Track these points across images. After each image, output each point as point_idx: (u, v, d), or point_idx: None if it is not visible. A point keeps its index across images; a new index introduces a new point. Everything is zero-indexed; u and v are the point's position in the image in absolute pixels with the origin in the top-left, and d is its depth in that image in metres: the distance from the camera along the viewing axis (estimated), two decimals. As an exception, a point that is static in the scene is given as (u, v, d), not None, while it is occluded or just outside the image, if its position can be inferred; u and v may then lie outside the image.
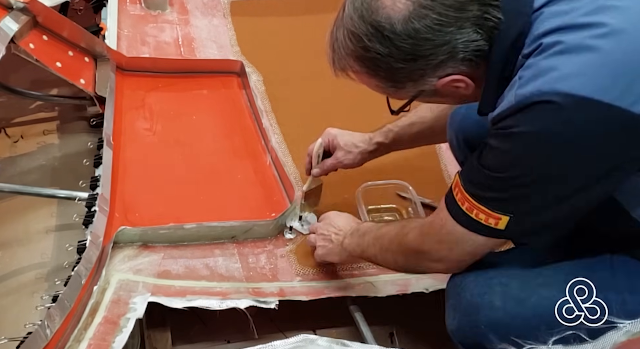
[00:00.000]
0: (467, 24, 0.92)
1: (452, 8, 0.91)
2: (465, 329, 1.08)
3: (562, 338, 0.87)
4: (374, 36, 0.94)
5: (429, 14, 0.91)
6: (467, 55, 0.94)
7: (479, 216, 0.96)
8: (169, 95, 1.76)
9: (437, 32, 0.91)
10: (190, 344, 1.40)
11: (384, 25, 0.93)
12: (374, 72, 0.99)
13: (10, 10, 1.51)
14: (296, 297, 1.31)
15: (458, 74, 0.96)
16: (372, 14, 0.94)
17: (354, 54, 0.99)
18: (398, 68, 0.96)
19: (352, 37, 0.97)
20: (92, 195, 1.39)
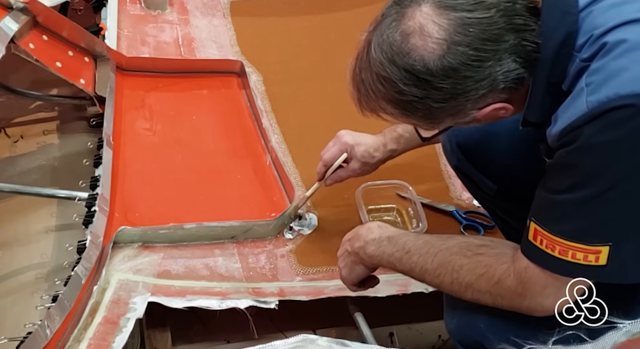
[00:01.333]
0: (505, 55, 0.87)
1: (489, 41, 0.86)
2: (464, 329, 1.08)
3: (562, 338, 0.87)
4: (409, 80, 0.90)
5: (466, 50, 0.86)
6: (507, 85, 0.89)
7: (576, 257, 0.87)
8: (169, 95, 1.76)
9: (476, 68, 0.87)
10: (190, 344, 1.40)
11: (418, 69, 0.88)
12: (410, 113, 0.94)
13: (10, 10, 1.51)
14: (296, 297, 1.31)
15: (498, 102, 0.92)
16: (404, 58, 0.89)
17: (386, 98, 0.94)
18: (437, 107, 0.91)
19: (384, 82, 0.92)
20: (92, 195, 1.39)
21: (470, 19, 0.86)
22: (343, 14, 2.06)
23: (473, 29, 0.86)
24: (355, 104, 1.01)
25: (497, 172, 1.25)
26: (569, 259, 0.88)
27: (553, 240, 0.89)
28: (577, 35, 0.87)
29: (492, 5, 0.87)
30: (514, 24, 0.87)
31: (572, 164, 0.86)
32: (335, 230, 1.46)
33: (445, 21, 0.87)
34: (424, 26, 0.88)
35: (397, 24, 0.90)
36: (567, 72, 0.88)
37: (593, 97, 0.82)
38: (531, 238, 0.92)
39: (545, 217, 0.91)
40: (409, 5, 0.90)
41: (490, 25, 0.86)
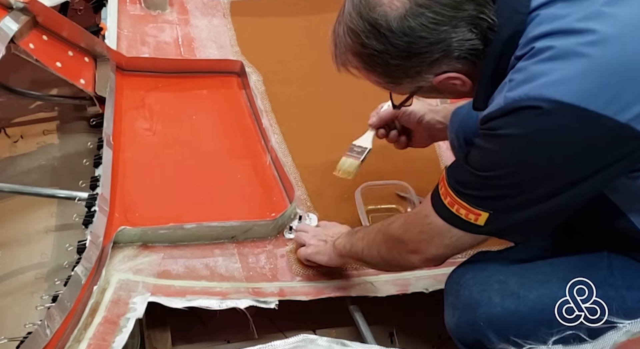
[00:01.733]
0: (462, 24, 0.93)
1: (448, 7, 0.92)
2: (464, 327, 1.08)
3: (562, 338, 0.87)
4: (371, 33, 0.96)
5: (425, 12, 0.92)
6: (462, 54, 0.95)
7: (459, 211, 0.98)
8: (169, 95, 1.76)
9: (432, 30, 0.93)
10: (190, 344, 1.40)
11: (380, 23, 0.95)
12: (371, 67, 1.01)
13: (10, 10, 1.51)
14: (296, 297, 1.31)
15: (453, 72, 0.98)
16: (370, 12, 0.95)
17: (352, 50, 1.01)
18: (394, 65, 0.98)
19: (350, 33, 0.99)
20: (92, 195, 1.39)
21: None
22: (343, 14, 2.06)
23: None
24: (332, 59, 1.07)
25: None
26: (453, 211, 0.99)
27: (447, 191, 1.00)
28: (522, 34, 0.92)
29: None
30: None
31: (481, 147, 0.95)
32: (335, 230, 1.46)
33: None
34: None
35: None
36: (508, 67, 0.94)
37: (510, 94, 0.89)
38: (439, 182, 1.03)
39: (451, 173, 1.01)
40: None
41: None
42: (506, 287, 1.04)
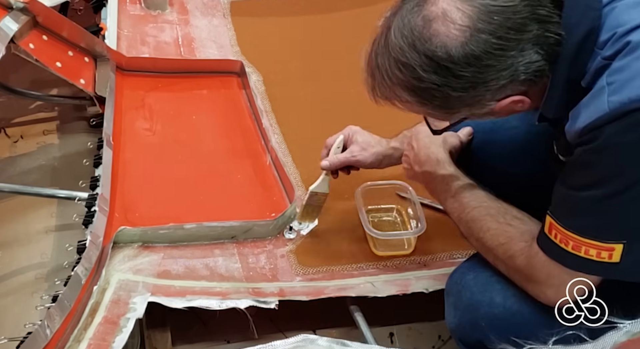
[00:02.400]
0: (528, 46, 0.86)
1: (513, 30, 0.85)
2: (465, 327, 1.08)
3: (562, 338, 0.87)
4: (429, 66, 0.88)
5: (489, 38, 0.85)
6: (528, 77, 0.88)
7: (589, 253, 0.88)
8: (169, 95, 1.76)
9: (498, 57, 0.86)
10: (190, 344, 1.40)
11: (439, 55, 0.87)
12: (427, 101, 0.93)
13: (10, 10, 1.51)
14: (296, 297, 1.31)
15: (517, 94, 0.91)
16: (426, 43, 0.87)
17: (403, 84, 0.92)
18: (455, 96, 0.90)
19: (402, 67, 0.90)
20: (92, 195, 1.39)
21: (495, 6, 0.85)
22: (343, 14, 2.06)
23: (497, 16, 0.85)
24: (368, 92, 0.99)
25: (494, 178, 1.26)
26: (581, 254, 0.89)
27: (567, 235, 0.90)
28: (600, 31, 0.86)
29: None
30: (538, 14, 0.86)
31: (591, 162, 0.86)
32: (335, 230, 1.46)
33: (469, 8, 0.86)
34: (447, 12, 0.87)
35: (419, 9, 0.89)
36: (587, 68, 0.87)
37: (614, 97, 0.82)
38: (546, 231, 0.94)
39: (560, 212, 0.91)
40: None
41: (514, 13, 0.85)
42: (508, 287, 1.04)
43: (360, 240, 1.44)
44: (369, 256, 1.42)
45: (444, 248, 1.43)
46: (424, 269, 1.40)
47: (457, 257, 1.40)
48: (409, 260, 1.41)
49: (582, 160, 0.88)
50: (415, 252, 1.42)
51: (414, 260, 1.41)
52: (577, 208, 0.89)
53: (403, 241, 1.45)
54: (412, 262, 1.41)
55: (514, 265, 1.01)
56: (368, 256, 1.42)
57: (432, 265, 1.41)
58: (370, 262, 1.41)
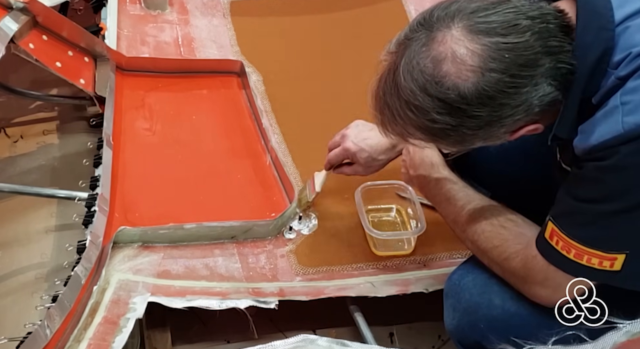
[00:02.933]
0: (541, 80, 0.85)
1: (525, 67, 0.84)
2: (464, 329, 1.08)
3: (562, 338, 0.87)
4: (443, 109, 0.86)
5: (502, 77, 0.84)
6: (543, 108, 0.88)
7: (591, 262, 0.89)
8: (169, 95, 1.76)
9: (512, 95, 0.85)
10: (190, 344, 1.40)
11: (453, 97, 0.85)
12: (441, 138, 0.92)
13: (10, 10, 1.50)
14: (296, 297, 1.31)
15: (531, 123, 0.90)
16: (438, 86, 0.85)
17: (416, 125, 0.91)
18: (470, 134, 0.89)
19: (414, 109, 0.88)
20: (92, 195, 1.39)
21: (506, 43, 0.84)
22: (343, 14, 2.06)
23: (509, 54, 0.84)
24: (378, 125, 0.97)
25: (490, 180, 1.26)
26: (583, 263, 0.90)
27: (570, 243, 0.90)
28: (614, 51, 0.85)
29: (526, 28, 0.84)
30: (550, 46, 0.85)
31: (603, 179, 0.86)
32: (335, 230, 1.46)
33: (479, 47, 0.84)
34: (456, 52, 0.85)
35: (427, 49, 0.86)
36: (600, 87, 0.87)
37: (630, 118, 0.82)
38: (547, 237, 0.94)
39: (565, 221, 0.91)
40: (438, 29, 0.86)
41: (526, 49, 0.84)
42: (506, 289, 1.04)
43: (360, 240, 1.44)
44: (369, 256, 1.42)
45: (444, 248, 1.43)
46: (424, 269, 1.40)
47: (457, 257, 1.40)
48: (409, 260, 1.41)
49: (594, 175, 0.87)
50: (415, 252, 1.42)
51: (414, 260, 1.41)
52: (584, 220, 0.89)
53: (403, 241, 1.45)
54: (412, 262, 1.41)
55: (509, 267, 1.02)
56: (368, 256, 1.42)
57: (432, 265, 1.41)
58: (370, 262, 1.41)
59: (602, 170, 0.86)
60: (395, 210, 1.52)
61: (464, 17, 0.85)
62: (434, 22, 0.87)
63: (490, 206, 1.08)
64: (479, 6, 0.86)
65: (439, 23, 0.87)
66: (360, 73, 1.82)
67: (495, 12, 0.85)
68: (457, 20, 0.85)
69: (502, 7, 0.86)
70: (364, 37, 1.96)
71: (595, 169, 0.87)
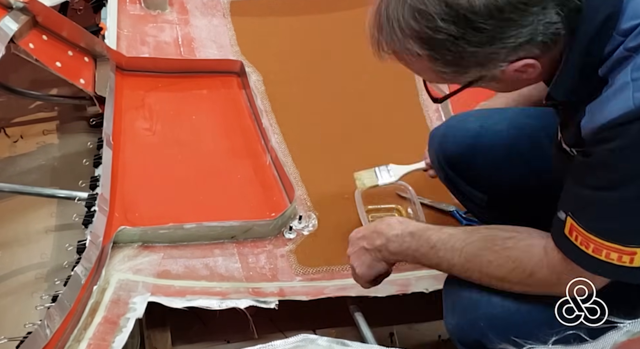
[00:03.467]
0: (550, 4, 0.82)
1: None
2: (464, 327, 1.08)
3: (562, 338, 0.87)
4: (448, 15, 0.83)
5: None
6: (545, 38, 0.84)
7: (609, 257, 0.86)
8: (169, 95, 1.76)
9: (521, 11, 0.81)
10: (190, 344, 1.40)
11: (461, 3, 0.82)
12: (439, 55, 0.87)
13: (9, 10, 1.51)
14: (296, 297, 1.31)
15: (531, 58, 0.86)
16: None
17: (417, 35, 0.86)
18: (470, 52, 0.85)
19: (418, 16, 0.85)
20: (92, 195, 1.39)
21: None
22: (343, 14, 2.06)
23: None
24: (372, 46, 0.93)
25: (486, 183, 1.26)
26: (602, 258, 0.87)
27: (588, 237, 0.87)
28: (620, 16, 0.82)
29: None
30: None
31: (615, 162, 0.83)
32: (335, 230, 1.46)
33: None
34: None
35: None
36: (604, 54, 0.84)
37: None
38: (567, 233, 0.90)
39: (582, 214, 0.88)
40: None
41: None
42: None
43: (360, 240, 1.44)
44: (369, 256, 1.41)
45: (444, 248, 1.43)
46: (424, 269, 1.39)
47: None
48: (409, 259, 1.41)
49: (604, 159, 0.84)
50: (415, 252, 1.42)
51: (414, 260, 1.41)
52: (600, 211, 0.86)
53: (403, 241, 1.45)
54: (412, 262, 1.41)
55: (537, 281, 0.97)
56: (368, 256, 1.41)
57: (432, 265, 1.41)
58: (370, 262, 1.40)
59: (613, 152, 0.82)
60: (395, 210, 1.52)
61: None
62: None
63: (479, 235, 1.02)
64: None
65: None
66: (360, 73, 1.84)
67: None
68: None
69: None
70: (364, 37, 1.96)
71: (605, 152, 0.83)
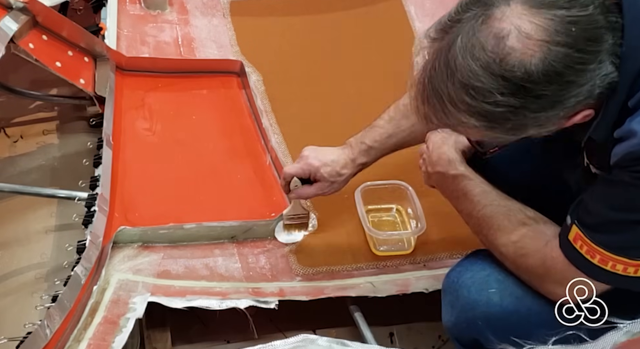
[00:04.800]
0: (605, 57, 0.81)
1: (591, 41, 0.79)
2: (462, 326, 1.08)
3: (562, 338, 0.87)
4: (507, 88, 0.80)
5: (570, 52, 0.79)
6: (602, 90, 0.83)
7: (615, 268, 0.88)
8: (169, 95, 1.76)
9: (579, 72, 0.80)
10: (190, 344, 1.40)
11: (519, 75, 0.79)
12: (498, 124, 0.85)
13: (9, 10, 1.50)
14: (296, 297, 1.31)
15: (588, 109, 0.85)
16: (502, 64, 0.79)
17: (473, 110, 0.84)
18: (532, 118, 0.83)
19: (474, 92, 0.82)
20: (92, 195, 1.39)
21: (570, 17, 0.79)
22: (343, 14, 2.06)
23: (575, 27, 0.79)
24: (420, 119, 0.92)
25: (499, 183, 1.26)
26: (607, 268, 0.89)
27: (595, 249, 0.89)
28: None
29: (589, 1, 0.80)
30: (610, 21, 0.82)
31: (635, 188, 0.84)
32: (335, 230, 1.46)
33: (544, 20, 0.79)
34: (521, 27, 0.79)
35: (487, 26, 0.81)
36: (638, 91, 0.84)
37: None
38: (571, 240, 0.92)
39: (592, 227, 0.90)
40: (494, 5, 0.81)
41: (590, 23, 0.80)
42: (505, 287, 1.04)
43: (360, 240, 1.44)
44: (369, 256, 1.42)
45: (444, 248, 1.43)
46: (424, 269, 1.40)
47: (457, 257, 1.39)
48: (409, 260, 1.41)
49: (628, 183, 0.85)
50: (415, 252, 1.42)
51: (414, 260, 1.41)
52: (611, 227, 0.88)
53: (403, 241, 1.45)
54: (412, 262, 1.41)
55: (527, 264, 1.01)
56: (368, 256, 1.42)
57: (432, 265, 1.41)
58: (370, 262, 1.41)
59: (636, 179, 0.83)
60: (395, 210, 1.52)
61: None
62: None
63: (509, 203, 1.06)
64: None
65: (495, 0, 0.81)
66: (361, 73, 1.85)
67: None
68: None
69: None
70: (364, 37, 1.96)
71: (630, 177, 0.84)
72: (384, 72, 1.81)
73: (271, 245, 1.42)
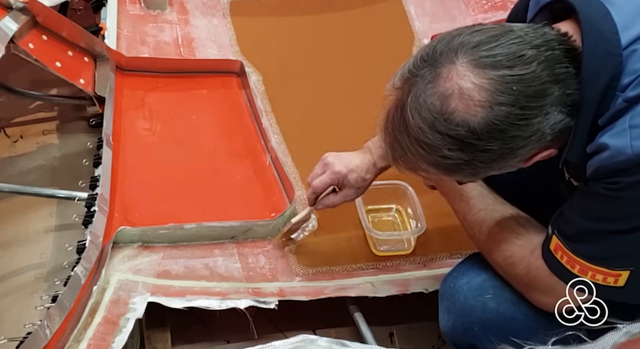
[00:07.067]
0: (551, 109, 0.84)
1: (534, 97, 0.82)
2: (459, 331, 1.08)
3: (562, 338, 0.87)
4: (454, 145, 0.85)
5: (512, 110, 0.82)
6: (555, 133, 0.86)
7: (595, 278, 0.90)
8: (169, 95, 1.76)
9: (523, 127, 0.83)
10: (190, 344, 1.40)
11: (463, 133, 0.84)
12: (454, 172, 0.91)
13: (9, 10, 1.50)
14: (296, 297, 1.31)
15: (545, 149, 0.89)
16: (447, 123, 0.84)
17: (428, 161, 0.89)
18: (483, 167, 0.88)
19: (425, 147, 0.87)
20: (92, 195, 1.39)
21: (512, 76, 0.82)
22: (343, 14, 2.06)
23: (517, 86, 0.82)
24: (390, 161, 0.98)
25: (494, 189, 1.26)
26: (587, 279, 0.90)
27: (574, 259, 0.91)
28: (621, 75, 0.84)
29: (532, 58, 0.83)
30: (557, 74, 0.84)
31: (612, 200, 0.86)
32: (335, 230, 1.46)
33: (486, 81, 0.82)
34: (463, 88, 0.83)
35: (433, 85, 0.85)
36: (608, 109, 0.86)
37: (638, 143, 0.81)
38: (552, 250, 0.94)
39: (570, 237, 0.92)
40: (442, 65, 0.85)
41: (533, 80, 0.83)
42: (501, 292, 1.05)
43: (360, 240, 1.44)
44: (369, 256, 1.42)
45: (444, 248, 1.43)
46: (424, 269, 1.40)
47: (456, 257, 1.40)
48: (409, 260, 1.41)
49: (603, 194, 0.87)
50: (415, 252, 1.43)
51: (414, 260, 1.41)
52: (589, 237, 0.89)
53: (403, 241, 1.45)
54: (412, 262, 1.41)
55: (513, 272, 1.02)
56: (368, 256, 1.42)
57: (431, 265, 1.41)
58: (370, 262, 1.41)
59: (612, 192, 0.85)
60: (395, 210, 1.52)
61: (467, 52, 0.84)
62: (437, 58, 0.85)
63: (503, 209, 1.08)
64: (482, 39, 0.84)
65: (443, 58, 0.85)
66: (360, 73, 1.84)
67: (499, 45, 0.83)
68: (461, 55, 0.84)
69: (505, 38, 0.84)
70: (364, 37, 1.96)
71: (604, 190, 0.86)
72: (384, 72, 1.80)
73: (271, 245, 1.42)
